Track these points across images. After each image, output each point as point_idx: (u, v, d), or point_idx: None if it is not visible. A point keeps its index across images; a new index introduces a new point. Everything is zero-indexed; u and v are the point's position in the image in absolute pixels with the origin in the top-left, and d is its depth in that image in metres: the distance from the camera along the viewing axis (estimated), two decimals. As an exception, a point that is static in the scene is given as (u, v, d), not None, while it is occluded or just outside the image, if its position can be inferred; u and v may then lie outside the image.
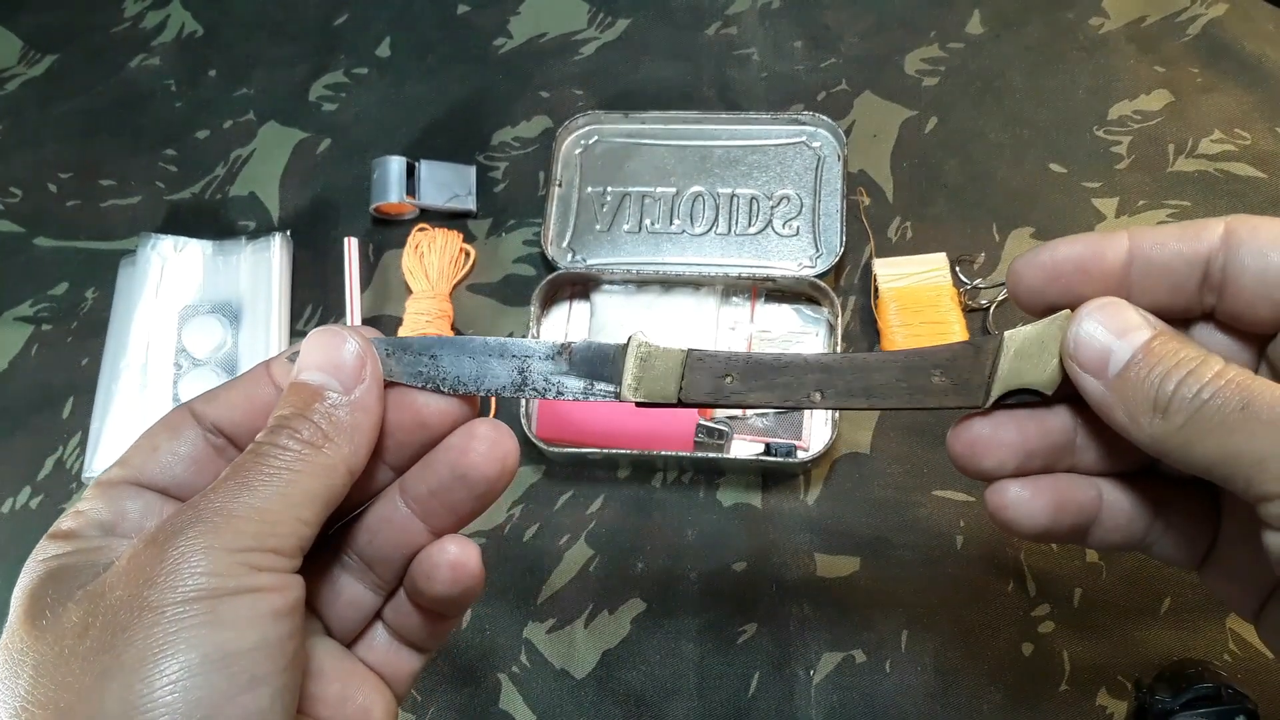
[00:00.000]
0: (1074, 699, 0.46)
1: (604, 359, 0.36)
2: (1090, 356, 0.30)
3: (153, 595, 0.25)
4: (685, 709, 0.47)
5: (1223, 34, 0.60)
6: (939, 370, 0.34)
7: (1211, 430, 0.27)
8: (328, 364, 0.30)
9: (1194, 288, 0.31)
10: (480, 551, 0.31)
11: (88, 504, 0.29)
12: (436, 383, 0.34)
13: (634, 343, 0.36)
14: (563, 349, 0.35)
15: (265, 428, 0.29)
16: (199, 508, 0.27)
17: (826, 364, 0.35)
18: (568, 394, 0.35)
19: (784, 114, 0.57)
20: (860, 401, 0.34)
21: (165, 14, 0.67)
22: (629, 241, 0.56)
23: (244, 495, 0.27)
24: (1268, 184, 0.56)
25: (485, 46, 0.64)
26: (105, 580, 0.26)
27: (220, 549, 0.26)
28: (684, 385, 0.36)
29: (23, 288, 0.60)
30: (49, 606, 0.26)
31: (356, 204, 0.59)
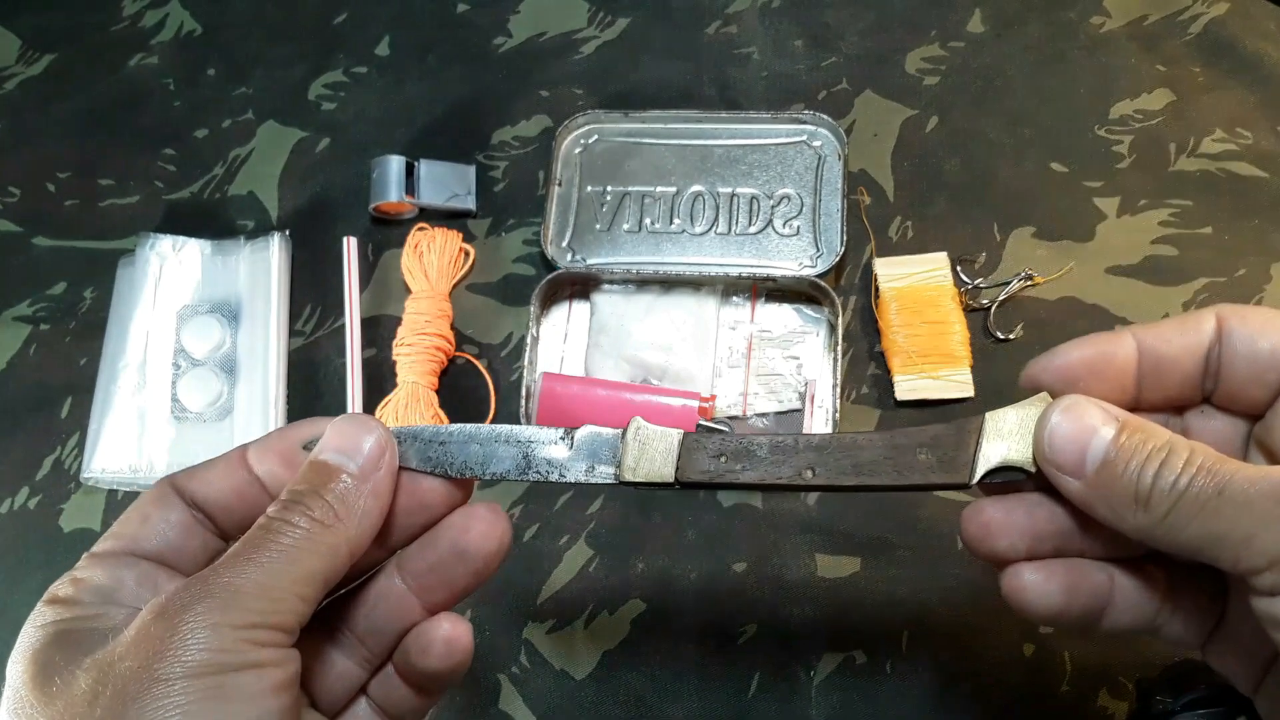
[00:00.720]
0: (1075, 700, 0.45)
1: (604, 444, 0.37)
2: (1066, 458, 0.31)
3: (162, 668, 0.26)
4: (685, 709, 0.47)
5: (1224, 33, 0.60)
6: (925, 449, 0.35)
7: (1194, 516, 0.28)
8: (350, 448, 0.31)
9: (1199, 377, 0.32)
10: (473, 629, 0.33)
11: (84, 572, 0.30)
12: (445, 467, 0.36)
13: (633, 427, 0.37)
14: (565, 435, 0.37)
15: (278, 501, 0.30)
16: (208, 583, 0.28)
17: (817, 445, 0.36)
18: (569, 477, 0.37)
19: (784, 113, 0.57)
20: (850, 480, 0.36)
21: (164, 13, 0.67)
22: (629, 241, 0.56)
23: (251, 571, 0.28)
24: (1269, 183, 0.55)
25: (485, 45, 0.64)
26: (115, 650, 0.27)
27: (226, 625, 0.27)
28: (680, 466, 0.37)
29: (21, 287, 0.59)
30: (58, 672, 0.27)
31: (356, 203, 0.59)
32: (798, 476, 0.36)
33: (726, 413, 0.52)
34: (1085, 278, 0.54)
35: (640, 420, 0.37)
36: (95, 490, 0.54)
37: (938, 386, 0.51)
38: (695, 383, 0.52)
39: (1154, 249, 0.54)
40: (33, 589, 0.52)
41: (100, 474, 0.53)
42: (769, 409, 0.52)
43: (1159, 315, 0.53)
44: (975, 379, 0.51)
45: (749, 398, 0.52)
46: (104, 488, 0.54)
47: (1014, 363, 0.52)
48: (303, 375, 0.56)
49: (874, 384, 0.53)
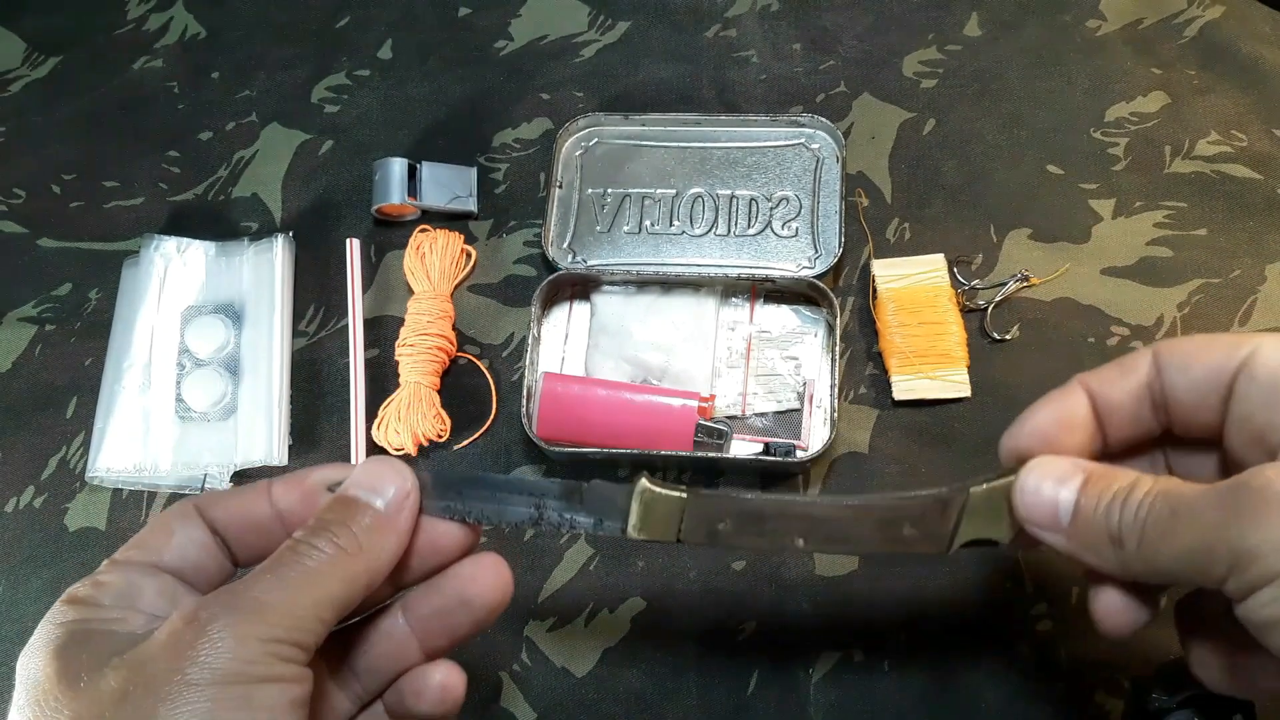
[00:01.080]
0: (1071, 697, 0.46)
1: (611, 501, 0.39)
2: (1042, 517, 0.34)
3: (193, 672, 0.27)
4: (685, 707, 0.47)
5: (1219, 36, 0.60)
6: (909, 522, 0.38)
7: (1160, 542, 0.30)
8: (378, 487, 0.33)
9: (1149, 413, 0.35)
10: (466, 678, 0.34)
11: (106, 576, 0.32)
12: (462, 515, 0.37)
13: (639, 487, 0.38)
14: (575, 490, 0.38)
15: (305, 527, 0.32)
16: (236, 595, 0.30)
17: (810, 514, 0.38)
18: (579, 529, 0.39)
19: (783, 116, 0.58)
20: (840, 548, 0.39)
21: (168, 16, 0.68)
22: (629, 242, 0.56)
23: (277, 589, 0.30)
24: (1264, 185, 0.56)
25: (486, 48, 0.64)
26: (145, 651, 0.28)
27: (253, 637, 0.28)
28: (682, 528, 0.38)
29: (26, 288, 0.60)
30: (84, 669, 0.29)
31: (358, 205, 0.60)
32: (791, 543, 0.38)
33: (726, 412, 0.52)
34: (1081, 279, 0.54)
35: (645, 481, 0.39)
36: (100, 489, 0.54)
37: (935, 386, 0.52)
38: (695, 383, 0.52)
39: (1149, 250, 0.55)
40: (38, 587, 0.52)
41: (105, 473, 0.53)
42: (768, 409, 0.52)
43: (1154, 316, 0.53)
44: (972, 379, 0.52)
45: (748, 398, 0.52)
46: (109, 487, 0.54)
47: (1010, 363, 0.53)
48: (306, 375, 0.56)
49: (872, 384, 0.53)
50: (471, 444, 0.53)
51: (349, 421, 0.53)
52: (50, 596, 0.52)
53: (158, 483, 0.54)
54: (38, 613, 0.52)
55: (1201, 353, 0.34)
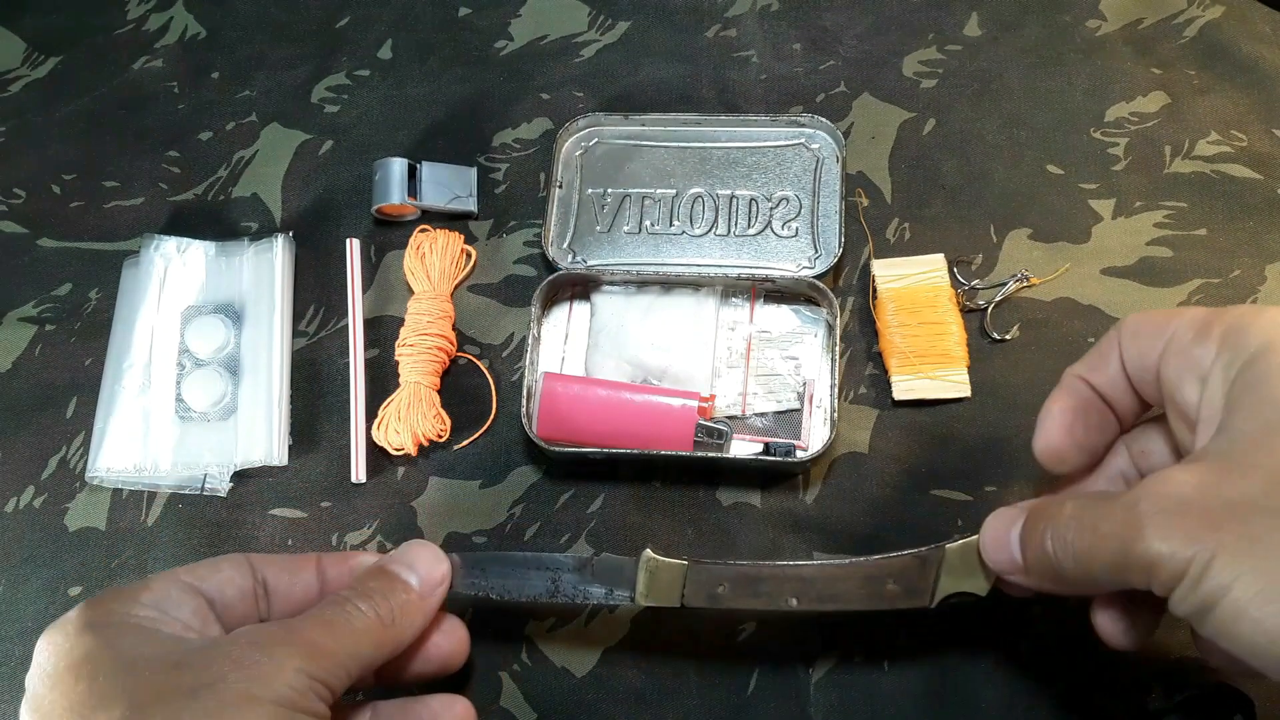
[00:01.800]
0: (1071, 698, 0.46)
1: (619, 571, 0.44)
2: (1002, 564, 0.37)
3: (258, 689, 0.31)
4: (685, 707, 0.47)
5: (1219, 36, 0.60)
6: (892, 579, 0.42)
7: (1090, 561, 0.32)
8: (420, 569, 0.39)
9: (1129, 391, 0.37)
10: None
11: (155, 583, 0.36)
12: (486, 591, 0.43)
13: (644, 558, 0.43)
14: (586, 563, 0.44)
15: (352, 589, 0.37)
16: (293, 631, 0.34)
17: (801, 576, 0.42)
18: (592, 599, 0.44)
19: (783, 116, 0.58)
20: (829, 605, 0.42)
21: (168, 16, 0.68)
22: (629, 242, 0.56)
23: (328, 636, 0.34)
24: (1264, 185, 0.56)
25: (486, 49, 0.64)
26: (210, 657, 0.32)
27: (305, 672, 0.32)
28: (685, 593, 0.43)
29: (26, 288, 0.60)
30: (143, 659, 0.32)
31: (358, 205, 0.60)
32: (784, 603, 0.42)
33: (725, 412, 0.52)
34: (1081, 279, 0.54)
35: (649, 552, 0.43)
36: (100, 489, 0.54)
37: (935, 386, 0.52)
38: (695, 383, 0.52)
39: (1149, 250, 0.55)
40: (38, 587, 0.52)
41: (105, 473, 0.53)
42: (768, 409, 0.52)
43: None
44: (972, 379, 0.52)
45: (748, 398, 0.52)
46: (109, 487, 0.54)
47: (1010, 363, 0.53)
48: (306, 375, 0.56)
49: (872, 384, 0.53)
50: (471, 444, 0.53)
51: (349, 421, 0.53)
52: (50, 596, 0.52)
53: (158, 483, 0.54)
54: (37, 613, 0.53)
55: (1144, 328, 0.35)
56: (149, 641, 0.33)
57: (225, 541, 0.52)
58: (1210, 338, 0.33)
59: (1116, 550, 0.31)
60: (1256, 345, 0.31)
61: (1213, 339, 0.33)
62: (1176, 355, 0.33)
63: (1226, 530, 0.28)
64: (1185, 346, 0.33)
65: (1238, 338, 0.32)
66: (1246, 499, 0.29)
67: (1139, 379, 0.36)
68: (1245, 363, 0.31)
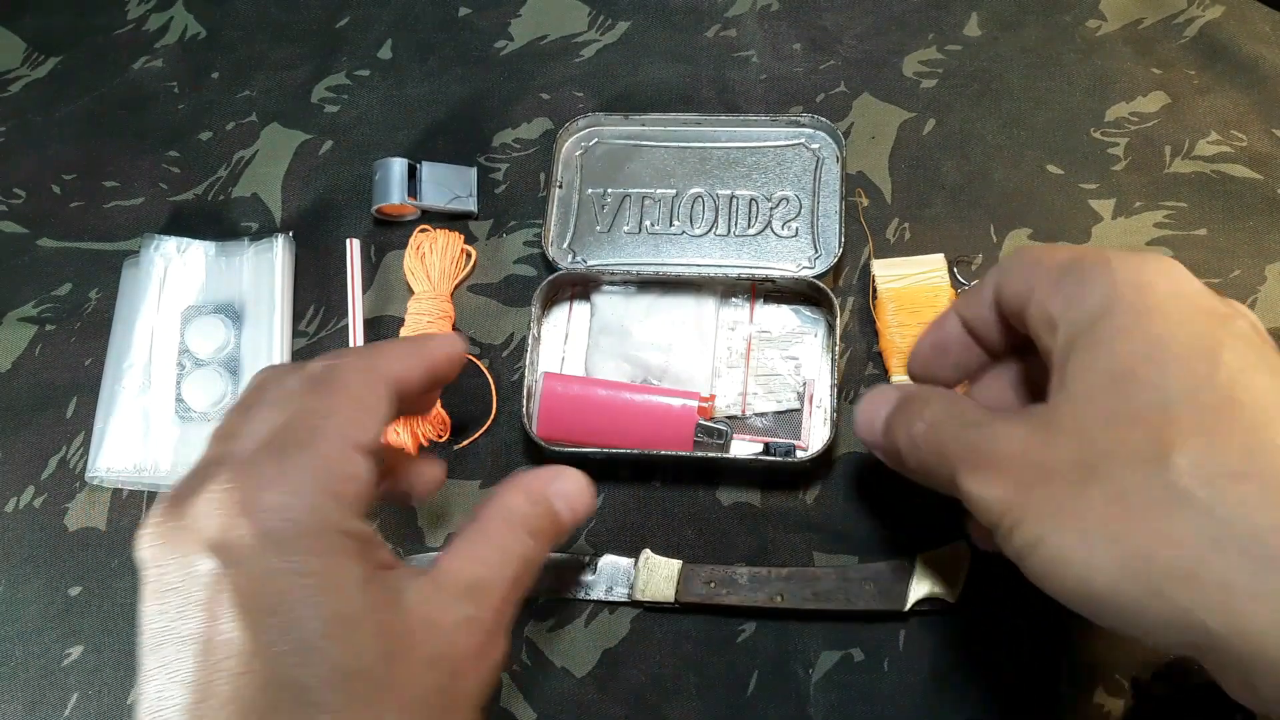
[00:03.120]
0: (1072, 698, 0.46)
1: (619, 569, 0.49)
2: (864, 434, 0.41)
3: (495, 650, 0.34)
4: (685, 707, 0.47)
5: (1219, 36, 0.60)
6: (869, 582, 0.46)
7: (933, 474, 0.36)
8: (579, 514, 0.38)
9: (1003, 322, 0.38)
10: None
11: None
12: None
13: (643, 558, 0.48)
14: (589, 562, 0.49)
15: (514, 509, 0.36)
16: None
17: (785, 576, 0.47)
18: (593, 595, 0.48)
19: (783, 116, 0.58)
20: (810, 603, 0.46)
21: (168, 16, 0.68)
22: (629, 242, 0.56)
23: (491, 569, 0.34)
24: (1264, 185, 0.56)
25: (486, 48, 0.64)
26: (432, 602, 0.32)
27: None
28: (679, 590, 0.47)
29: (26, 288, 0.60)
30: (387, 571, 0.32)
31: (358, 205, 0.60)
32: (769, 600, 0.47)
33: (726, 412, 0.52)
34: (1081, 279, 0.54)
35: (649, 551, 0.48)
36: (100, 489, 0.54)
37: (935, 386, 0.52)
38: (695, 383, 0.52)
39: (1149, 250, 0.55)
40: (37, 587, 0.52)
41: (105, 473, 0.53)
42: (768, 409, 0.52)
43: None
44: (972, 379, 0.52)
45: (748, 398, 0.52)
46: (109, 487, 0.54)
47: (1010, 363, 0.53)
48: (306, 375, 0.56)
49: (872, 384, 0.53)
50: (471, 444, 0.53)
51: (349, 421, 0.53)
52: (50, 597, 0.52)
53: (158, 483, 0.54)
54: (37, 613, 0.53)
55: (1014, 270, 0.36)
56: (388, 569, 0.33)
57: (225, 541, 0.52)
58: (1062, 290, 0.33)
59: (950, 477, 0.34)
60: (1096, 307, 0.32)
61: (1061, 292, 0.33)
62: (1036, 305, 0.34)
63: (1034, 495, 0.31)
64: (1044, 297, 0.34)
65: (1083, 295, 0.32)
66: (1056, 465, 0.31)
67: (1014, 319, 0.37)
68: (1084, 325, 0.32)
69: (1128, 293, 0.31)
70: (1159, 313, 0.31)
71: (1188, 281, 0.32)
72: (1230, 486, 0.28)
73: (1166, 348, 0.30)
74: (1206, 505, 0.28)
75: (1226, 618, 0.27)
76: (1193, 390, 0.29)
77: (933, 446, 0.36)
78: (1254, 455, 0.28)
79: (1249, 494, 0.28)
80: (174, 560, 0.30)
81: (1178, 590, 0.28)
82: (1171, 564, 0.28)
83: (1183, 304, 0.31)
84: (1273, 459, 0.28)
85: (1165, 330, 0.30)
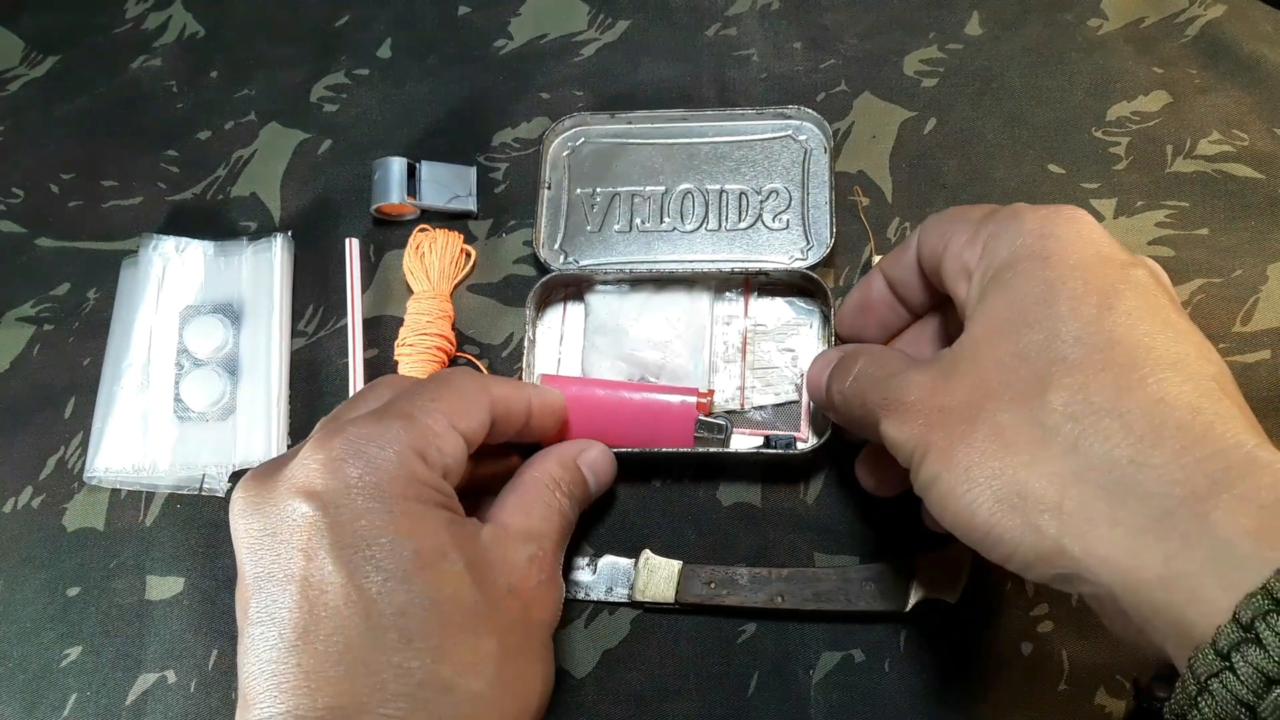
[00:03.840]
0: (1073, 698, 0.46)
1: (619, 570, 0.48)
2: (813, 394, 0.44)
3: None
4: (685, 709, 0.47)
5: (1221, 35, 0.60)
6: (870, 582, 0.46)
7: (861, 423, 0.39)
8: (602, 482, 0.45)
9: (924, 280, 0.40)
10: None
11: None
12: None
13: (643, 558, 0.48)
14: (590, 562, 0.49)
15: (552, 474, 0.42)
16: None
17: (786, 577, 0.47)
18: (593, 595, 0.48)
19: (769, 109, 0.57)
20: (810, 604, 0.46)
21: (167, 15, 0.68)
22: (620, 241, 0.56)
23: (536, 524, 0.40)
24: (1265, 184, 0.56)
25: (486, 48, 0.64)
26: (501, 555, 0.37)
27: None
28: (679, 590, 0.47)
29: (25, 288, 0.60)
30: (464, 518, 0.36)
31: (357, 205, 0.60)
32: (770, 601, 0.46)
33: (724, 407, 0.52)
34: (1082, 278, 0.54)
35: (649, 552, 0.48)
36: (98, 489, 0.54)
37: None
38: (692, 379, 0.52)
39: (1151, 250, 0.55)
40: (36, 588, 0.52)
41: (103, 473, 0.53)
42: (766, 402, 0.52)
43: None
44: (973, 379, 0.52)
45: (746, 391, 0.52)
46: (107, 487, 0.54)
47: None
48: (305, 375, 0.56)
49: (872, 384, 0.53)
50: (470, 444, 0.53)
51: (347, 421, 0.53)
52: (48, 597, 0.52)
53: (156, 483, 0.53)
54: (35, 614, 0.53)
55: (933, 227, 0.38)
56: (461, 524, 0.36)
57: (224, 542, 0.52)
58: (977, 241, 0.35)
59: (875, 425, 0.36)
60: (1005, 255, 0.33)
61: (978, 243, 0.35)
62: (952, 257, 0.36)
63: (934, 434, 0.33)
64: (959, 249, 0.36)
65: (994, 244, 0.34)
66: (953, 405, 0.33)
67: (932, 275, 0.38)
68: (994, 272, 0.34)
69: (1033, 241, 0.33)
70: (1058, 258, 0.32)
71: (1092, 231, 0.33)
72: (1095, 422, 0.29)
73: (1059, 291, 0.31)
74: (1072, 440, 0.29)
75: (1088, 545, 0.28)
76: (1078, 332, 0.31)
77: (858, 398, 0.38)
78: (1121, 393, 0.29)
79: (1112, 429, 0.29)
80: (271, 509, 0.32)
81: (1047, 522, 0.29)
82: (1041, 497, 0.29)
83: (1083, 251, 0.32)
84: (1138, 396, 0.29)
85: (1060, 275, 0.32)
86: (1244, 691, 0.24)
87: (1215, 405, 0.29)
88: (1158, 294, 0.32)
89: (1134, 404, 0.29)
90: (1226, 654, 0.25)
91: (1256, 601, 0.24)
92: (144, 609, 0.51)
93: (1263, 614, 0.24)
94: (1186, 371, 0.29)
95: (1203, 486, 0.27)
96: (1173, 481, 0.27)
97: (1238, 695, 0.25)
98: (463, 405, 0.37)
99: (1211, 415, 0.28)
